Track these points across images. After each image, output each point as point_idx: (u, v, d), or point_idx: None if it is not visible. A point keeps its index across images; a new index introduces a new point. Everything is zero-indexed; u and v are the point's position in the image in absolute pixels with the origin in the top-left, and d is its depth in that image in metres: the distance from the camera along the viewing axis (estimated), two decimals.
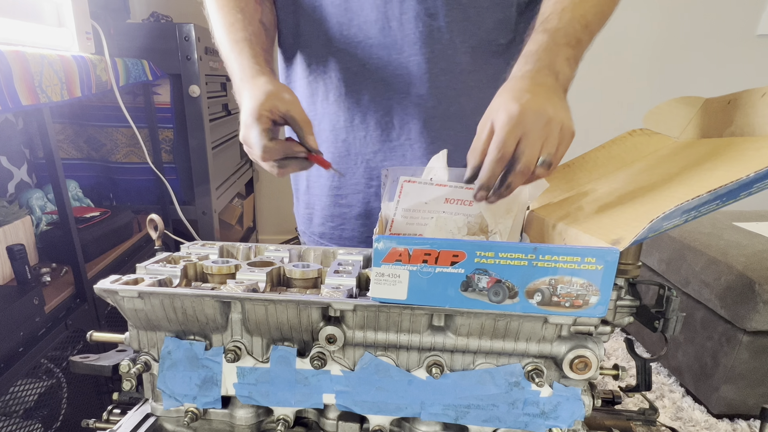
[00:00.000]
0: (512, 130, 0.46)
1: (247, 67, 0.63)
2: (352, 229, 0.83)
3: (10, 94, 0.79)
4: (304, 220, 0.90)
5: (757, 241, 1.44)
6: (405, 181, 0.63)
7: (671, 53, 2.18)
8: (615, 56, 2.21)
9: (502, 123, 0.47)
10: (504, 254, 0.41)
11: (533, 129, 0.46)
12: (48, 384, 0.93)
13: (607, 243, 0.42)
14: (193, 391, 0.50)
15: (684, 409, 1.42)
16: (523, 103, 0.46)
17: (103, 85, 1.15)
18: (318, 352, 0.48)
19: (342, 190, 0.81)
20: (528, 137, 0.46)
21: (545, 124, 0.46)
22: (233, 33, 0.67)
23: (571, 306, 0.42)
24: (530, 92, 0.48)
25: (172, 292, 0.47)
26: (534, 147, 0.46)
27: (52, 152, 0.95)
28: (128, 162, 1.53)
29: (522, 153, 0.46)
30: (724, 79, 2.15)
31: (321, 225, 0.87)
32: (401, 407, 0.49)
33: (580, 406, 0.47)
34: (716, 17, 2.11)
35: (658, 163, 0.56)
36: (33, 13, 1.02)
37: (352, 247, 0.65)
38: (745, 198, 0.42)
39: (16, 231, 1.00)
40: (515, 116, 0.46)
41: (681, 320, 0.45)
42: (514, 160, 0.47)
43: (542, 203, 0.63)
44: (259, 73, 0.62)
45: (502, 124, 0.47)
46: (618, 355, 1.66)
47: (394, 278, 0.43)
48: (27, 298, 0.85)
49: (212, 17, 0.71)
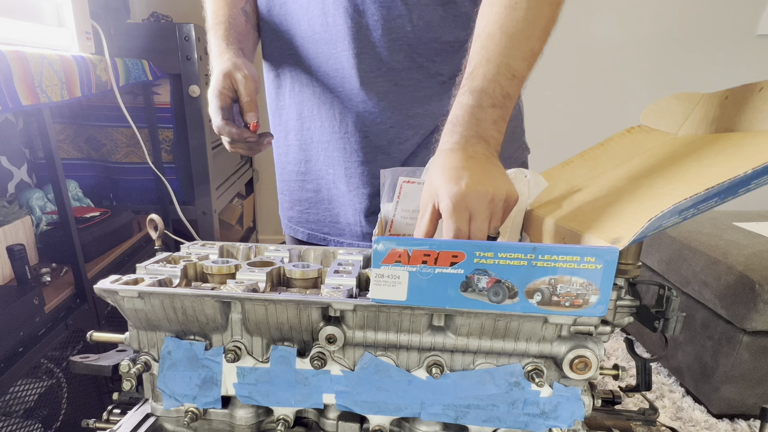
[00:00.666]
0: (461, 215, 0.47)
1: (215, 46, 0.72)
2: (317, 212, 0.87)
3: (10, 94, 0.79)
4: (280, 204, 0.96)
5: (757, 241, 1.44)
6: (404, 182, 0.63)
7: (671, 53, 2.18)
8: (615, 55, 2.21)
9: (449, 209, 0.47)
10: (503, 254, 0.41)
11: (479, 210, 0.47)
12: (48, 384, 0.93)
13: (606, 242, 0.42)
14: (193, 391, 0.50)
15: (684, 409, 1.42)
16: (463, 185, 0.46)
17: (103, 85, 1.15)
18: (318, 352, 0.48)
19: (307, 175, 0.85)
20: (476, 219, 0.47)
21: (489, 202, 0.47)
22: (215, 17, 0.75)
23: (571, 305, 0.42)
24: (467, 169, 0.47)
25: (172, 292, 0.47)
26: (483, 226, 0.47)
27: (52, 152, 0.95)
28: (128, 162, 1.53)
29: (473, 235, 0.47)
30: (724, 79, 2.15)
31: (290, 209, 0.92)
32: (401, 407, 0.49)
33: (580, 406, 0.47)
34: (716, 17, 2.11)
35: (656, 160, 0.56)
36: (33, 13, 1.02)
37: (352, 248, 0.65)
38: (743, 195, 0.41)
39: (16, 231, 1.00)
40: (460, 200, 0.46)
41: (681, 320, 0.45)
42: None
43: (541, 202, 0.63)
44: (225, 50, 0.70)
45: (449, 211, 0.47)
46: (618, 355, 1.66)
47: (394, 279, 0.43)
48: (27, 298, 0.85)
49: (206, 5, 0.79)
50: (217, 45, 0.72)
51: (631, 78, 2.24)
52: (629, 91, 2.25)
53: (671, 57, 2.19)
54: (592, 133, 0.95)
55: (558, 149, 2.32)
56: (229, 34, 0.73)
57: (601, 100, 2.29)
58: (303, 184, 0.86)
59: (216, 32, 0.73)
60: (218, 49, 0.71)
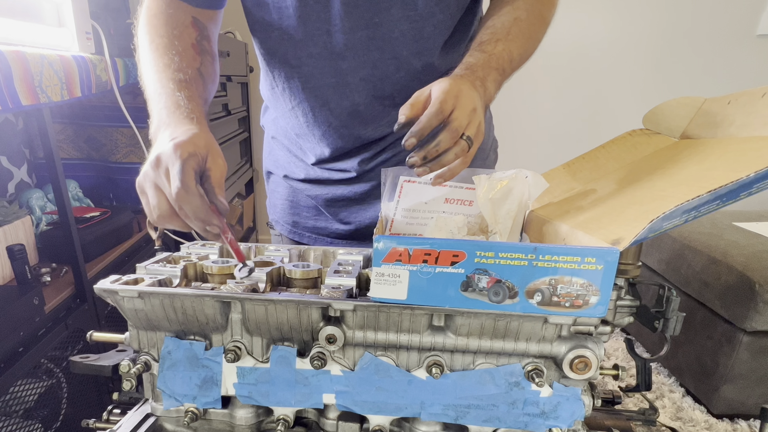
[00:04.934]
0: (450, 97, 0.52)
1: (182, 107, 0.55)
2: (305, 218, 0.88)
3: (10, 94, 0.79)
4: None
5: (757, 241, 1.44)
6: (405, 181, 0.63)
7: (671, 53, 2.18)
8: (615, 56, 2.21)
9: (442, 89, 0.52)
10: (504, 254, 0.41)
11: (465, 105, 0.53)
12: (48, 384, 0.93)
13: (607, 243, 0.42)
14: (193, 391, 0.50)
15: (684, 409, 1.42)
16: (460, 85, 0.54)
17: (103, 85, 1.15)
18: (318, 352, 0.48)
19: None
20: (460, 108, 0.52)
21: (472, 111, 0.53)
22: (167, 72, 0.60)
23: (571, 306, 0.42)
24: (465, 85, 0.54)
25: (172, 292, 0.47)
26: (464, 116, 0.52)
27: (52, 152, 0.95)
28: (128, 162, 1.53)
29: (455, 117, 0.52)
30: (724, 79, 2.15)
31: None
32: (401, 407, 0.48)
33: (580, 406, 0.47)
34: (716, 17, 2.11)
35: (657, 163, 0.56)
36: (33, 13, 1.02)
37: (352, 248, 0.65)
38: (745, 198, 0.42)
39: (16, 231, 1.00)
40: (453, 90, 0.52)
41: (681, 320, 0.45)
42: (447, 120, 0.52)
43: (542, 203, 0.63)
44: (196, 119, 0.54)
45: (442, 90, 0.52)
46: (618, 355, 1.66)
47: (394, 278, 0.43)
48: (27, 298, 0.85)
49: (144, 55, 0.64)
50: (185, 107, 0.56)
51: (631, 78, 2.24)
52: (629, 91, 2.25)
53: (671, 57, 2.19)
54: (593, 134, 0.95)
55: (559, 151, 2.32)
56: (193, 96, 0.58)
57: (601, 100, 2.29)
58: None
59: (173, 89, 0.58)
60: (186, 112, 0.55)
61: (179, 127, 0.52)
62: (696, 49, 2.16)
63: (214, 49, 0.69)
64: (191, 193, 0.46)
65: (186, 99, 0.57)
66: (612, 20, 2.17)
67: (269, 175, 0.96)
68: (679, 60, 2.19)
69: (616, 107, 2.28)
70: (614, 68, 2.23)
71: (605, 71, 2.24)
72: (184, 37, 0.64)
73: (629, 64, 2.22)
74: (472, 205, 0.63)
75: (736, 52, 2.15)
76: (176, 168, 0.46)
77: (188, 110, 0.55)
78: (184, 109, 0.55)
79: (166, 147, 0.48)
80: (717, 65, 2.17)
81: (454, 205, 0.63)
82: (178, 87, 0.58)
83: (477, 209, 0.62)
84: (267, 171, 0.96)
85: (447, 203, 0.63)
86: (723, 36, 2.14)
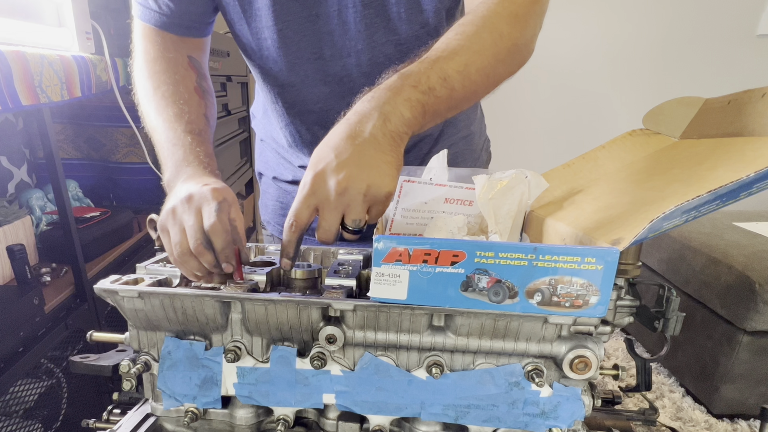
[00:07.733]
0: (306, 200, 0.46)
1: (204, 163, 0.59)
2: None
3: (10, 94, 0.79)
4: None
5: (757, 241, 1.44)
6: (404, 181, 0.63)
7: (671, 53, 2.18)
8: (615, 56, 2.21)
9: (300, 191, 0.46)
10: (504, 254, 0.41)
11: (327, 200, 0.45)
12: (48, 384, 0.93)
13: (607, 243, 0.42)
14: (193, 391, 0.50)
15: (684, 409, 1.42)
16: (319, 171, 0.45)
17: (103, 85, 1.15)
18: (318, 352, 0.48)
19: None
20: (324, 209, 0.46)
21: (340, 194, 0.45)
22: (180, 123, 0.62)
23: (571, 306, 0.42)
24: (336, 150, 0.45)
25: (172, 292, 0.47)
26: (331, 218, 0.46)
27: (52, 152, 0.95)
28: (128, 162, 1.53)
29: (319, 225, 0.47)
30: (724, 79, 2.15)
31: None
32: (401, 407, 0.48)
33: (580, 406, 0.47)
34: (716, 17, 2.11)
35: (658, 163, 0.56)
36: (33, 13, 1.02)
37: (351, 248, 0.65)
38: (745, 198, 0.42)
39: (16, 231, 1.00)
40: (308, 186, 0.46)
41: (681, 320, 0.45)
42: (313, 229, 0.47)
43: (542, 203, 0.63)
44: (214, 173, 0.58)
45: (299, 193, 0.46)
46: (618, 355, 1.66)
47: (394, 278, 0.43)
48: (27, 298, 0.85)
49: (149, 102, 0.65)
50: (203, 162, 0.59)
51: (631, 78, 2.24)
52: (629, 91, 2.25)
53: (671, 57, 2.19)
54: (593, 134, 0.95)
55: (559, 151, 2.32)
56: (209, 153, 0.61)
57: (601, 100, 2.29)
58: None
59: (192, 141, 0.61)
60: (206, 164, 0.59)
61: (206, 178, 0.55)
62: (696, 49, 2.16)
63: (210, 85, 0.72)
64: (225, 228, 0.48)
65: (205, 155, 0.60)
66: (612, 20, 2.17)
67: (260, 176, 0.97)
68: (679, 60, 2.18)
69: (616, 107, 2.28)
70: (614, 68, 2.23)
71: (605, 71, 2.24)
72: (186, 82, 0.68)
73: (629, 64, 2.22)
74: (471, 205, 0.63)
75: (736, 52, 2.15)
76: (213, 206, 0.49)
77: (211, 168, 0.59)
78: (207, 166, 0.59)
79: (200, 189, 0.51)
80: (717, 65, 2.17)
81: (453, 205, 0.63)
82: (196, 142, 0.61)
83: (477, 209, 0.62)
84: (258, 172, 0.97)
85: (447, 203, 0.63)
86: (723, 36, 2.14)
